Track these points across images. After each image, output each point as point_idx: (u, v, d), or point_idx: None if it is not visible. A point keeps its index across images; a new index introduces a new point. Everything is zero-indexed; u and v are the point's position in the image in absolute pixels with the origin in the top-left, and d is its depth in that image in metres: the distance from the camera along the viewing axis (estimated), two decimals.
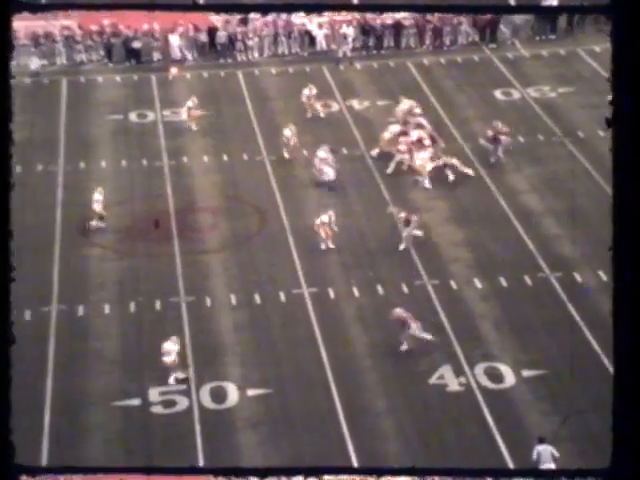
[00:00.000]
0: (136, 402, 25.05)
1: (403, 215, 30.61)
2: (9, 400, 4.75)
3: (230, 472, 6.44)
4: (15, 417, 26.52)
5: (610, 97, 5.17)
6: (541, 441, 22.52)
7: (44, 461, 23.28)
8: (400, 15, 45.24)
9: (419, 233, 30.69)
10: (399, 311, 26.44)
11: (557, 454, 22.22)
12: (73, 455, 23.48)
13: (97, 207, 32.11)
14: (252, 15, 45.34)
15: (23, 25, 44.20)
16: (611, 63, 4.71)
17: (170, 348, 25.45)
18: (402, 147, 34.83)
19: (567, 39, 45.55)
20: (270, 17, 45.09)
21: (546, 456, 22.25)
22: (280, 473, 5.98)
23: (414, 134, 35.31)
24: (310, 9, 5.69)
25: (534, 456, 22.30)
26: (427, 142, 34.87)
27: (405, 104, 37.16)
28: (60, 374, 25.69)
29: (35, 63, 43.28)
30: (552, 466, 22.03)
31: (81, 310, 28.44)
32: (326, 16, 45.23)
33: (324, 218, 30.49)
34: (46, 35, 44.44)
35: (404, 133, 35.56)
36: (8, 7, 4.56)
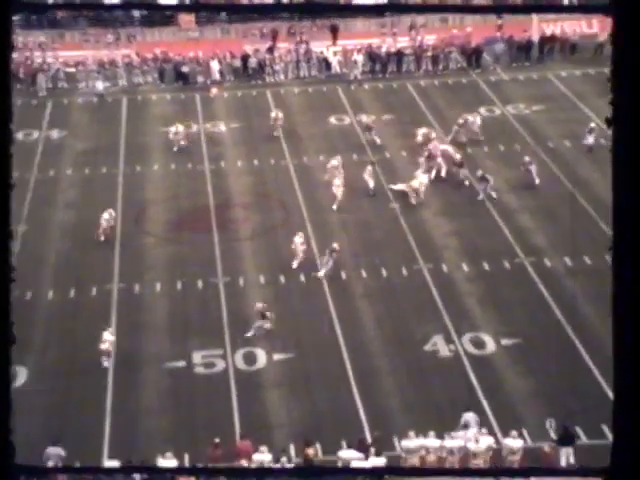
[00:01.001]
0: (182, 364, 25.05)
1: (336, 246, 28.50)
2: (9, 400, 4.33)
3: (230, 473, 6.07)
4: (81, 373, 26.00)
5: (604, 100, 4.45)
6: (467, 410, 22.09)
7: (108, 407, 23.23)
8: (401, 45, 45.32)
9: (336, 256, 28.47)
10: (260, 306, 25.94)
11: (478, 419, 21.75)
12: (131, 402, 23.53)
13: (104, 224, 30.16)
14: (278, 44, 45.31)
15: (91, 54, 44.46)
16: (611, 63, 4.25)
17: (107, 338, 24.82)
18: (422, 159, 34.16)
19: (539, 65, 45.30)
20: (292, 46, 45.10)
21: (473, 422, 21.74)
22: (281, 473, 5.49)
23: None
24: (310, 10, 5.09)
25: (462, 421, 21.71)
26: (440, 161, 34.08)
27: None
28: (120, 339, 25.65)
29: (101, 85, 43.27)
30: (475, 430, 21.39)
31: (137, 288, 28.41)
32: (339, 46, 45.23)
33: (297, 239, 28.88)
34: (110, 62, 44.55)
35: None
36: (8, 7, 4.19)
